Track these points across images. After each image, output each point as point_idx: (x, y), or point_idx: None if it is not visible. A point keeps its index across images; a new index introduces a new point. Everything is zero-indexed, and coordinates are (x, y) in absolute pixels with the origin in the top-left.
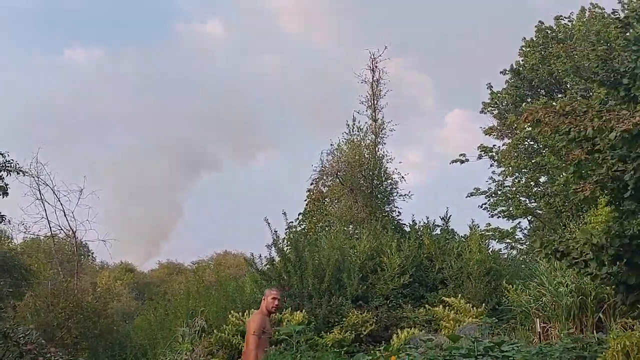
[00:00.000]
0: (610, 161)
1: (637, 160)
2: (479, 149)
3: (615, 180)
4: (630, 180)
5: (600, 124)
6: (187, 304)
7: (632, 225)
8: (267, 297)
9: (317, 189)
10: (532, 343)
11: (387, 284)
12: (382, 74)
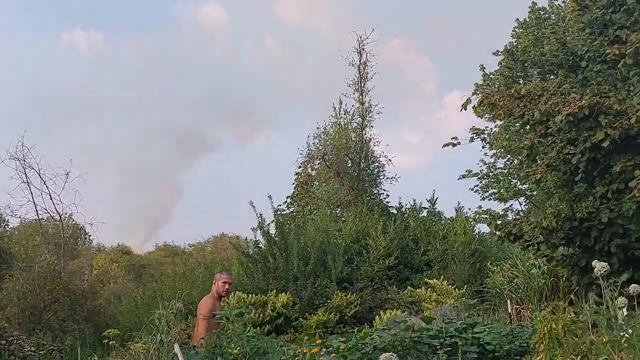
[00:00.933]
0: (560, 144)
1: (584, 144)
2: (471, 131)
3: (566, 163)
4: (580, 163)
5: (547, 107)
6: (174, 286)
7: (582, 208)
8: (217, 281)
9: (305, 172)
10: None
11: (372, 266)
12: (370, 56)
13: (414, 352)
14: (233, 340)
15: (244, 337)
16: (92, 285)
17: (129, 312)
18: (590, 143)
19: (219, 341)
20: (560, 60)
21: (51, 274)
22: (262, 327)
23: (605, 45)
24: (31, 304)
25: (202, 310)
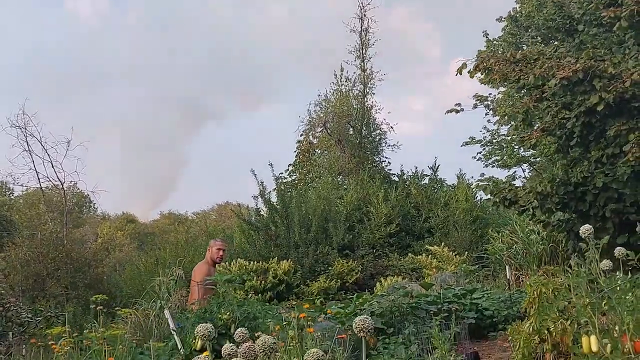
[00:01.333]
0: (555, 109)
1: (579, 108)
2: (474, 97)
3: (561, 127)
4: (575, 127)
5: (542, 71)
6: (176, 253)
7: (577, 173)
8: (212, 248)
9: (306, 140)
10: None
11: (373, 233)
12: (371, 22)
13: (411, 318)
14: (223, 305)
15: (234, 303)
16: (95, 253)
17: (132, 280)
18: (585, 107)
19: (209, 306)
20: (557, 24)
21: (54, 242)
22: (263, 293)
23: (601, 8)
24: (34, 271)
25: (196, 276)
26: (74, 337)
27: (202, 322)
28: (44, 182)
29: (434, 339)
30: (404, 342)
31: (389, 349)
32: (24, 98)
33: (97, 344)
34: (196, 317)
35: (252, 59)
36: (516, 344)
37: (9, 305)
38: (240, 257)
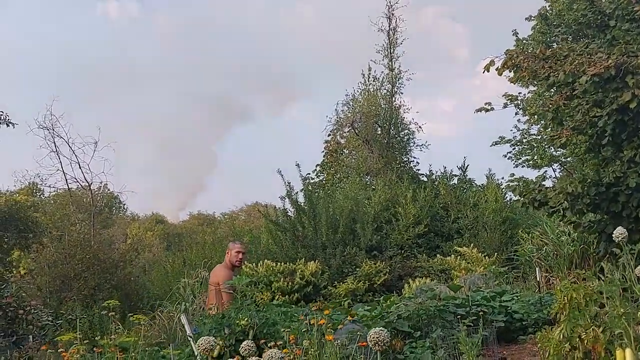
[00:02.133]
0: (585, 107)
1: (611, 106)
2: (505, 97)
3: (593, 126)
4: (606, 126)
5: (572, 68)
6: (203, 254)
7: (608, 173)
8: (231, 251)
9: (334, 140)
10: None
11: (401, 234)
12: (399, 21)
13: (439, 321)
14: (241, 310)
15: (252, 308)
16: (122, 254)
17: (159, 281)
18: (617, 105)
19: (227, 312)
20: (588, 20)
21: (81, 243)
22: (290, 295)
23: (634, 3)
24: (61, 272)
25: (214, 280)
26: (84, 344)
27: (219, 327)
28: (71, 183)
29: (460, 344)
30: (431, 346)
31: (415, 353)
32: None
33: (109, 351)
34: (213, 323)
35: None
36: (546, 351)
37: (29, 308)
38: (267, 258)
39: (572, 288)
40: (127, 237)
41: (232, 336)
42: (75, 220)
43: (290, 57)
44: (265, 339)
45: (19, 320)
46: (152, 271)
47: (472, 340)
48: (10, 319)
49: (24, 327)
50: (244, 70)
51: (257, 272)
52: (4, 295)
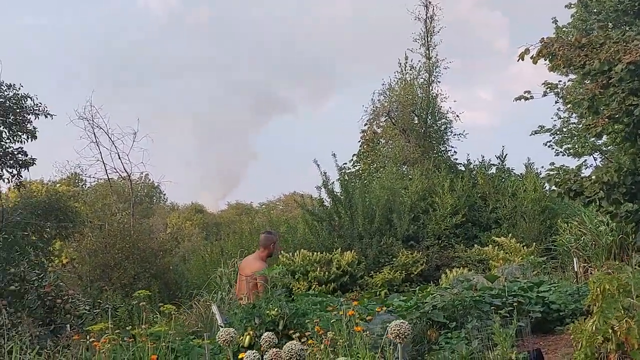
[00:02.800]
0: (621, 95)
1: None
2: (544, 85)
3: (629, 114)
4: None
5: (607, 56)
6: (240, 244)
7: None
8: (275, 243)
9: (370, 129)
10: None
11: (438, 224)
12: (436, 9)
13: (474, 312)
14: (271, 301)
15: (282, 298)
16: (161, 243)
17: (197, 270)
18: None
19: (258, 302)
20: (625, 6)
21: (121, 233)
22: (327, 285)
23: None
24: (102, 261)
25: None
26: (116, 334)
27: (250, 317)
28: (111, 173)
29: (495, 335)
30: (466, 336)
31: (450, 344)
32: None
33: (140, 341)
34: (244, 313)
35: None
36: (579, 342)
37: (67, 298)
38: (304, 247)
39: (605, 279)
40: (166, 226)
41: (263, 326)
42: (115, 210)
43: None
44: (295, 330)
45: (57, 310)
46: (191, 260)
47: (506, 331)
48: (49, 308)
49: (62, 316)
50: (283, 61)
51: (293, 262)
52: (43, 284)
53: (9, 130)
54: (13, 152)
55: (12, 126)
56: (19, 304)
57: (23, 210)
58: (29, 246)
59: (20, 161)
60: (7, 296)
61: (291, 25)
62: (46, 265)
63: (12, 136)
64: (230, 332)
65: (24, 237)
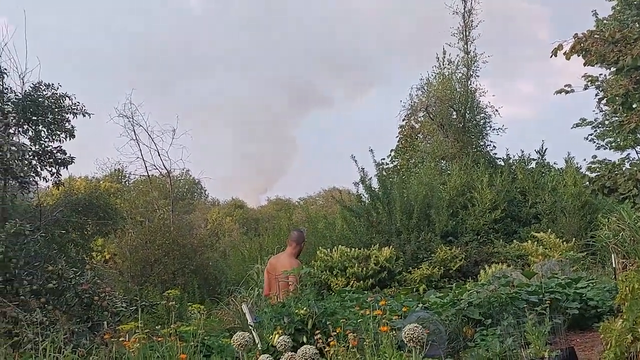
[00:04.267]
0: None
1: None
2: (584, 78)
3: None
4: None
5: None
6: (279, 240)
7: None
8: (305, 242)
9: (408, 125)
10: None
11: (477, 219)
12: (475, 3)
13: (511, 309)
14: (300, 300)
15: (311, 297)
16: (201, 239)
17: (236, 266)
18: None
19: (288, 301)
20: None
21: (161, 229)
22: (365, 280)
23: None
24: (142, 257)
25: (289, 268)
26: (145, 334)
27: (279, 317)
28: (151, 170)
29: (527, 333)
30: (501, 334)
31: (486, 341)
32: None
33: (170, 341)
34: (273, 312)
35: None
36: (608, 342)
37: (104, 295)
38: (341, 243)
39: (635, 278)
40: (207, 222)
41: (292, 325)
42: (155, 207)
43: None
44: (324, 329)
45: (94, 307)
46: (230, 256)
47: (539, 329)
48: (86, 305)
49: (99, 313)
50: (323, 56)
51: (331, 258)
52: (80, 282)
53: (47, 130)
54: (52, 151)
55: (51, 125)
56: (57, 302)
57: (64, 207)
58: (69, 243)
59: (59, 160)
60: (45, 294)
61: (330, 18)
62: (86, 262)
63: (50, 135)
64: (245, 336)
65: (64, 234)
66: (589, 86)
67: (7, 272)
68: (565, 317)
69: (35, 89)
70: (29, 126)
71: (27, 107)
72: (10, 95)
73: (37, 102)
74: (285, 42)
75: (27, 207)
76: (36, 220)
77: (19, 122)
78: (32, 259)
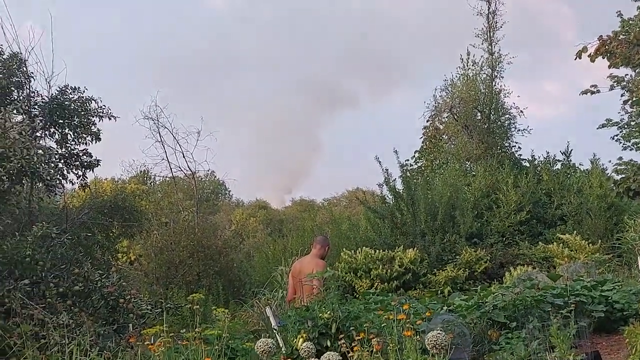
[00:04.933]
0: None
1: None
2: (610, 78)
3: None
4: None
5: None
6: (303, 241)
7: None
8: (329, 245)
9: (432, 126)
10: None
11: (502, 221)
12: (499, 4)
13: (536, 312)
14: (324, 304)
15: (335, 301)
16: (225, 240)
17: (260, 267)
18: None
19: (311, 305)
20: None
21: (186, 230)
22: (389, 282)
23: None
24: (167, 259)
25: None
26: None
27: (303, 320)
28: (176, 172)
29: (552, 337)
30: (526, 337)
31: (511, 344)
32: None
33: (194, 344)
34: (297, 316)
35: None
36: (634, 346)
37: (129, 297)
38: (365, 245)
39: None
40: (231, 223)
41: (315, 329)
42: (180, 208)
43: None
44: (348, 333)
45: (120, 309)
46: (254, 257)
47: (564, 333)
48: (112, 307)
49: (125, 315)
50: (347, 56)
51: (356, 260)
52: (106, 284)
53: (73, 133)
54: (78, 154)
55: (77, 128)
56: (83, 304)
57: (90, 210)
58: (95, 245)
59: (85, 163)
60: (71, 296)
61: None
62: (112, 263)
63: (77, 138)
64: (269, 342)
65: (90, 236)
66: (615, 86)
67: (34, 275)
68: (590, 320)
69: (62, 92)
70: (55, 129)
71: (54, 111)
72: (37, 99)
73: (63, 105)
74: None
75: (54, 209)
76: (62, 222)
77: (45, 125)
78: (58, 262)
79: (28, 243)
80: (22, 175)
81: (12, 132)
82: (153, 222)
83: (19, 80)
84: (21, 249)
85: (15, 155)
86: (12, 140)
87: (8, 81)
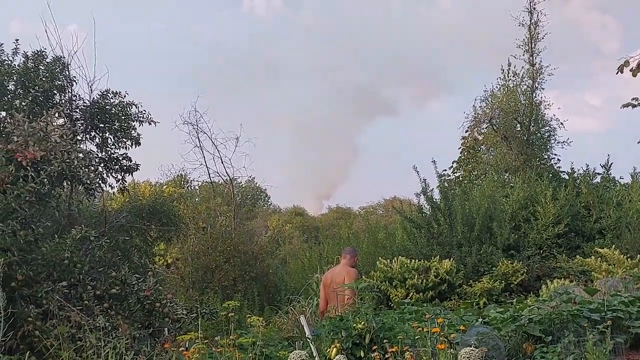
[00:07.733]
0: None
1: None
2: None
3: None
4: None
5: None
6: (338, 249)
7: None
8: (357, 254)
9: (471, 136)
10: None
11: (540, 233)
12: (541, 15)
13: (572, 326)
14: (358, 314)
15: (369, 312)
16: (262, 246)
17: (296, 274)
18: None
19: (345, 315)
20: None
21: (223, 235)
22: (424, 292)
23: None
24: (204, 263)
25: (350, 280)
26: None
27: (336, 330)
28: (214, 177)
29: (588, 353)
30: (561, 352)
31: (546, 359)
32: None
33: (228, 351)
34: (331, 325)
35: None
36: None
37: (166, 302)
38: (401, 254)
39: None
40: (267, 229)
41: (349, 339)
42: (218, 213)
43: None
44: (382, 344)
45: (156, 313)
46: (290, 264)
47: (599, 348)
48: (148, 311)
49: (160, 319)
50: (388, 64)
51: (391, 269)
52: (143, 288)
53: (114, 137)
54: (118, 158)
55: (117, 133)
56: (120, 307)
57: (128, 213)
58: (132, 249)
59: (124, 167)
60: (108, 299)
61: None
62: (149, 267)
63: (117, 142)
64: (302, 354)
65: (128, 240)
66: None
67: (72, 277)
68: (627, 336)
69: (103, 96)
70: (96, 133)
71: (95, 115)
72: (78, 103)
73: (104, 109)
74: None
75: (93, 212)
76: (101, 225)
77: (86, 129)
78: (96, 265)
79: (67, 245)
80: (63, 179)
81: (53, 135)
82: (190, 226)
83: (61, 84)
84: (60, 251)
85: (56, 158)
86: (53, 144)
87: (51, 84)
